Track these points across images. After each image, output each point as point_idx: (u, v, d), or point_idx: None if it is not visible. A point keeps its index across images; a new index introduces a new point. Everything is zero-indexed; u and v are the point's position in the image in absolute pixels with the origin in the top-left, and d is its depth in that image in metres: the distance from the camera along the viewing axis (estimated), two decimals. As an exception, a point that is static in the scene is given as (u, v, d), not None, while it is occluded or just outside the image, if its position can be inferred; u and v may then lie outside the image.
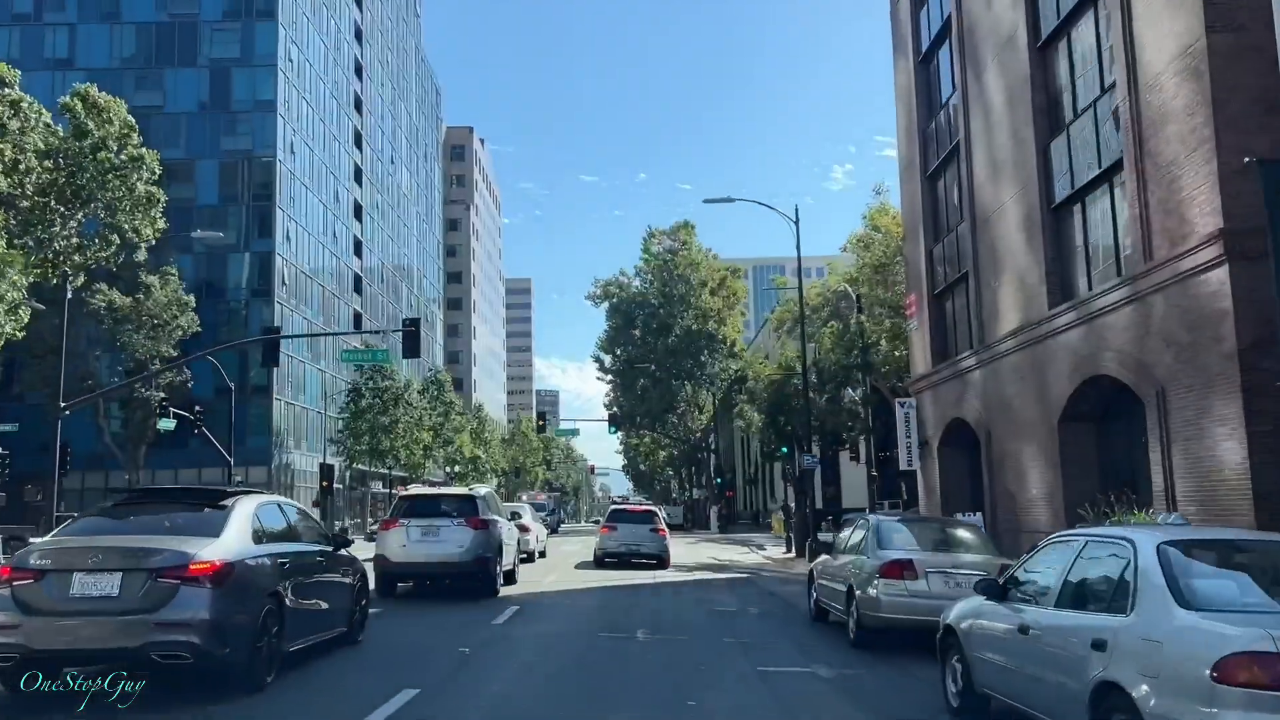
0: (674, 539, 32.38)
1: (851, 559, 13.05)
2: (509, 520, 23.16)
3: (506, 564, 21.57)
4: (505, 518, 22.67)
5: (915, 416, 33.93)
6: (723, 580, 22.46)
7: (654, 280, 67.92)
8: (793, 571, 26.48)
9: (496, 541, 20.05)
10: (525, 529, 30.11)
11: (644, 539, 27.03)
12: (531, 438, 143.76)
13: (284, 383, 67.28)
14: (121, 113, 45.16)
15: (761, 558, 33.95)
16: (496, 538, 20.16)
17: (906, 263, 35.21)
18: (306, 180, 71.94)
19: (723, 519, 59.42)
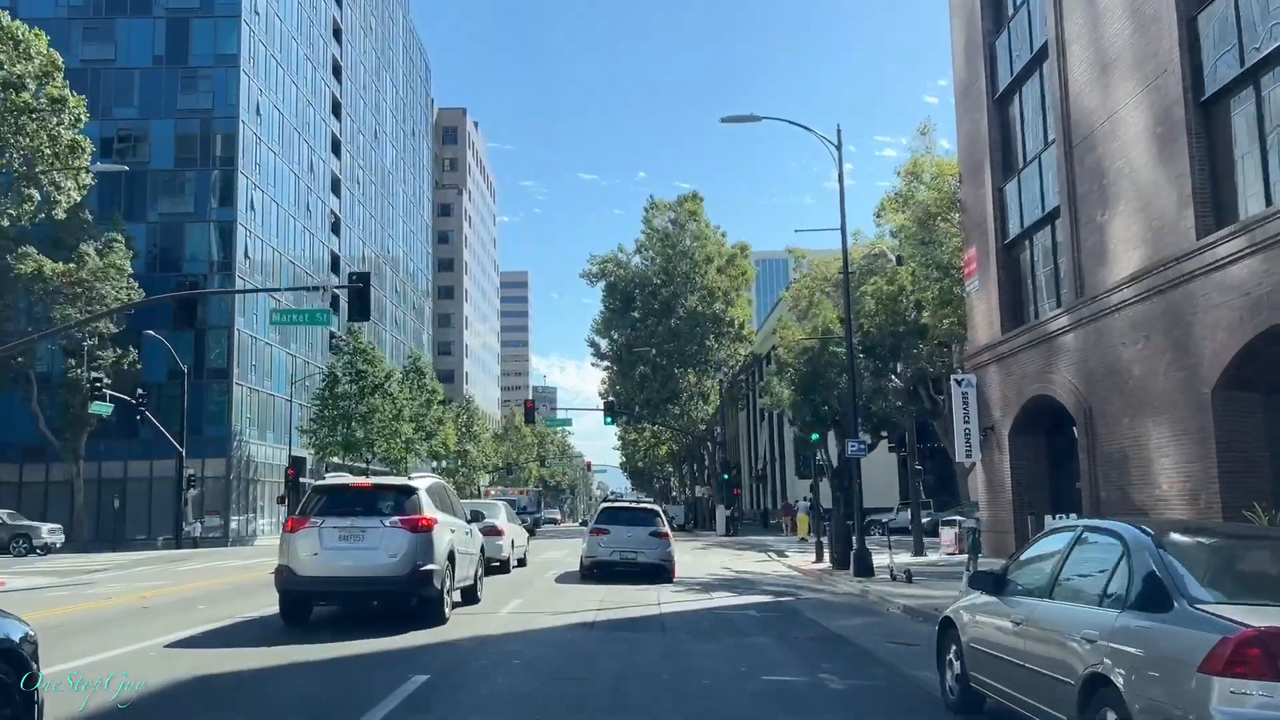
0: (678, 543, 26.89)
1: (1082, 614, 6.50)
2: (469, 522, 17.02)
3: (463, 578, 15.70)
4: (463, 517, 16.59)
5: (975, 397, 27.82)
6: (754, 607, 16.28)
7: (656, 257, 61.72)
8: (840, 590, 20.36)
9: (444, 549, 14.15)
10: (496, 531, 24.00)
11: (643, 544, 21.49)
12: (525, 433, 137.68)
13: (246, 366, 61.08)
14: (42, 47, 38.97)
15: (786, 568, 27.82)
16: (444, 544, 14.21)
17: (964, 211, 29.08)
18: (275, 146, 65.74)
19: (734, 520, 53.16)
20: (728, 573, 25.36)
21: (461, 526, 16.07)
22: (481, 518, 17.89)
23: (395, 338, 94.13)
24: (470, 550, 16.37)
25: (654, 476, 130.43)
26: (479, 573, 17.02)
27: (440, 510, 14.99)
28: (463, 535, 15.89)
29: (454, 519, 15.73)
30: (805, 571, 25.54)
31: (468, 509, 18.60)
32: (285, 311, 26.67)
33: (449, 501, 16.17)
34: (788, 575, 24.97)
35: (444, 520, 14.76)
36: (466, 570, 15.94)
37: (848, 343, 22.31)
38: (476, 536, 17.42)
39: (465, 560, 15.77)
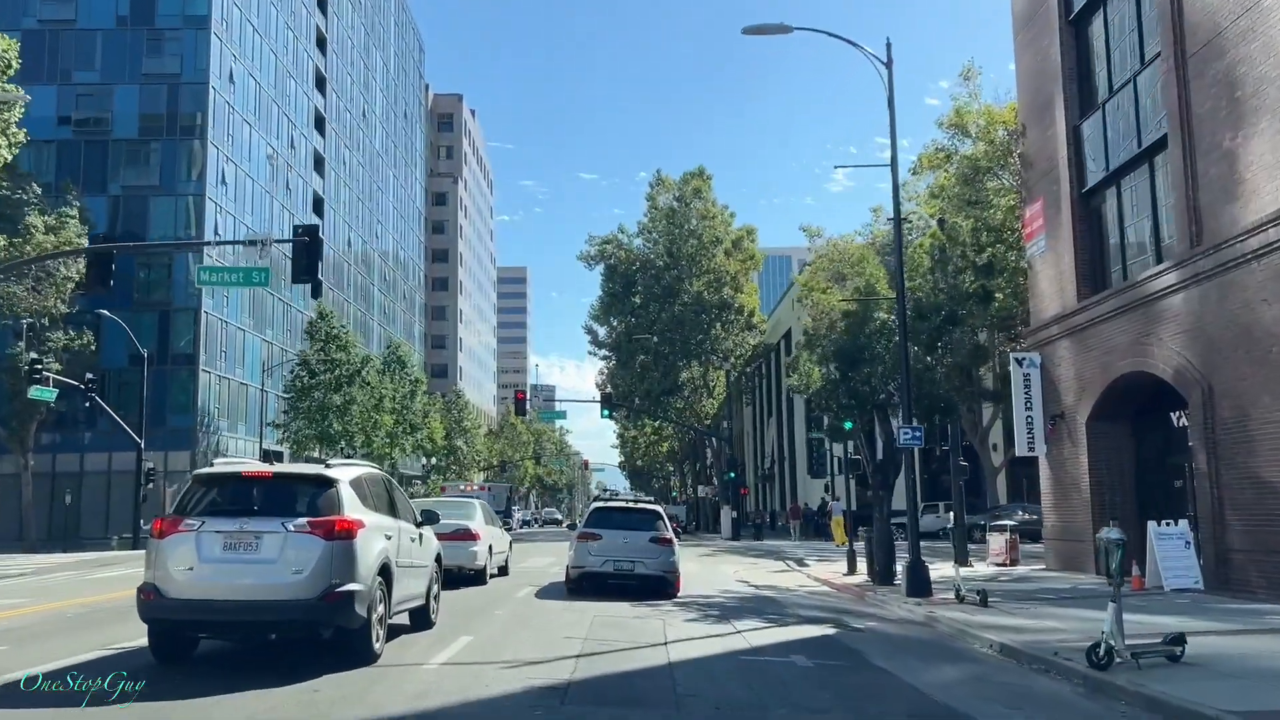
0: (681, 548, 22.36)
1: None
2: (419, 524, 12.56)
3: (408, 598, 11.55)
4: (410, 518, 12.25)
5: (1039, 379, 23.42)
6: (798, 646, 11.70)
7: (659, 238, 57.21)
8: (896, 616, 15.94)
9: (373, 562, 10.03)
10: (469, 536, 19.55)
11: (642, 552, 17.57)
12: (522, 430, 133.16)
13: (215, 352, 56.60)
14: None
15: (813, 580, 23.35)
16: (374, 555, 10.07)
17: (1025, 163, 24.66)
18: (251, 117, 61.26)
19: (753, 524, 48.54)
20: (745, 588, 20.91)
21: (404, 531, 11.63)
22: (435, 519, 13.42)
23: (384, 328, 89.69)
24: (419, 562, 12.12)
25: (654, 476, 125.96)
26: (433, 589, 12.81)
27: (370, 510, 10.62)
28: (406, 542, 11.55)
29: (392, 521, 11.32)
30: (839, 587, 21.08)
31: (424, 507, 14.14)
32: (215, 270, 22.21)
33: (387, 498, 11.77)
34: (820, 592, 20.51)
35: (375, 523, 10.48)
36: (413, 587, 11.74)
37: (899, 305, 17.86)
38: (429, 543, 13.01)
39: (410, 575, 11.56)
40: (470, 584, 18.74)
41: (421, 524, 12.60)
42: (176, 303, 54.71)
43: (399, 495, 12.15)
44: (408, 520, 11.97)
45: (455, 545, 18.20)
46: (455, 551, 18.10)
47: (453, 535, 18.28)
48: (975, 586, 16.69)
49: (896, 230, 18.38)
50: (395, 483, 12.69)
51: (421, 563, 12.21)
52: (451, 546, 17.65)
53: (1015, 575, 22.16)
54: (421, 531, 12.50)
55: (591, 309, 60.39)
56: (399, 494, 12.21)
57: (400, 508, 11.85)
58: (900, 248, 18.32)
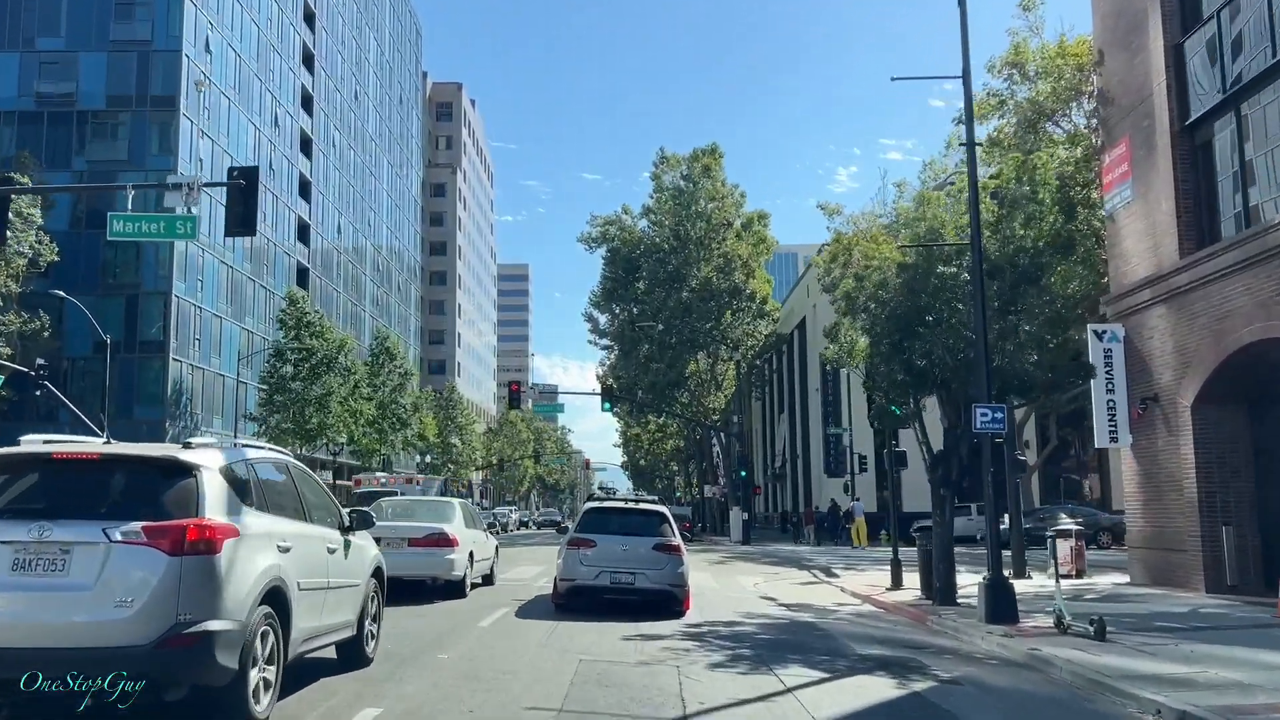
0: (692, 558, 19.77)
1: None
2: (347, 528, 9.12)
3: (326, 632, 8.37)
4: (331, 520, 8.87)
5: (1123, 355, 19.57)
6: (883, 714, 7.90)
7: (665, 219, 53.24)
8: (986, 651, 12.15)
9: (248, 589, 6.72)
10: (446, 542, 16.31)
11: (644, 561, 14.83)
12: (521, 429, 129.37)
13: (188, 339, 52.79)
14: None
15: (852, 596, 19.46)
16: (248, 579, 6.74)
17: (1104, 100, 20.78)
18: (230, 91, 57.46)
19: (790, 525, 44.57)
20: (774, 607, 17.04)
21: (314, 539, 8.17)
22: (369, 521, 9.72)
23: (376, 320, 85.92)
24: (342, 580, 8.71)
25: (657, 476, 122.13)
26: (367, 615, 9.43)
27: (256, 509, 7.23)
28: (316, 555, 8.10)
29: (294, 526, 7.85)
30: (888, 606, 17.19)
31: (363, 509, 10.29)
32: (130, 219, 18.35)
33: (289, 494, 8.19)
34: (866, 613, 16.63)
35: (260, 529, 7.13)
36: (333, 615, 8.43)
37: (974, 247, 13.99)
38: (362, 555, 9.48)
39: (326, 600, 8.21)
40: (449, 598, 16.04)
41: (351, 528, 9.20)
42: (145, 286, 50.96)
43: (311, 490, 8.69)
44: (325, 524, 8.64)
45: (429, 552, 15.95)
46: (429, 560, 15.94)
47: (426, 540, 16.01)
48: (1096, 617, 12.79)
49: (970, 157, 14.52)
50: (309, 472, 9.00)
51: (347, 581, 8.85)
52: (424, 554, 15.81)
53: (1100, 592, 18.27)
54: (349, 539, 9.08)
55: (592, 295, 56.49)
56: (312, 488, 8.74)
57: (312, 507, 8.48)
58: (975, 176, 14.45)
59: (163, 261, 50.53)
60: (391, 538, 15.47)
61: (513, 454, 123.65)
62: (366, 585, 9.35)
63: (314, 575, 7.86)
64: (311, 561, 7.87)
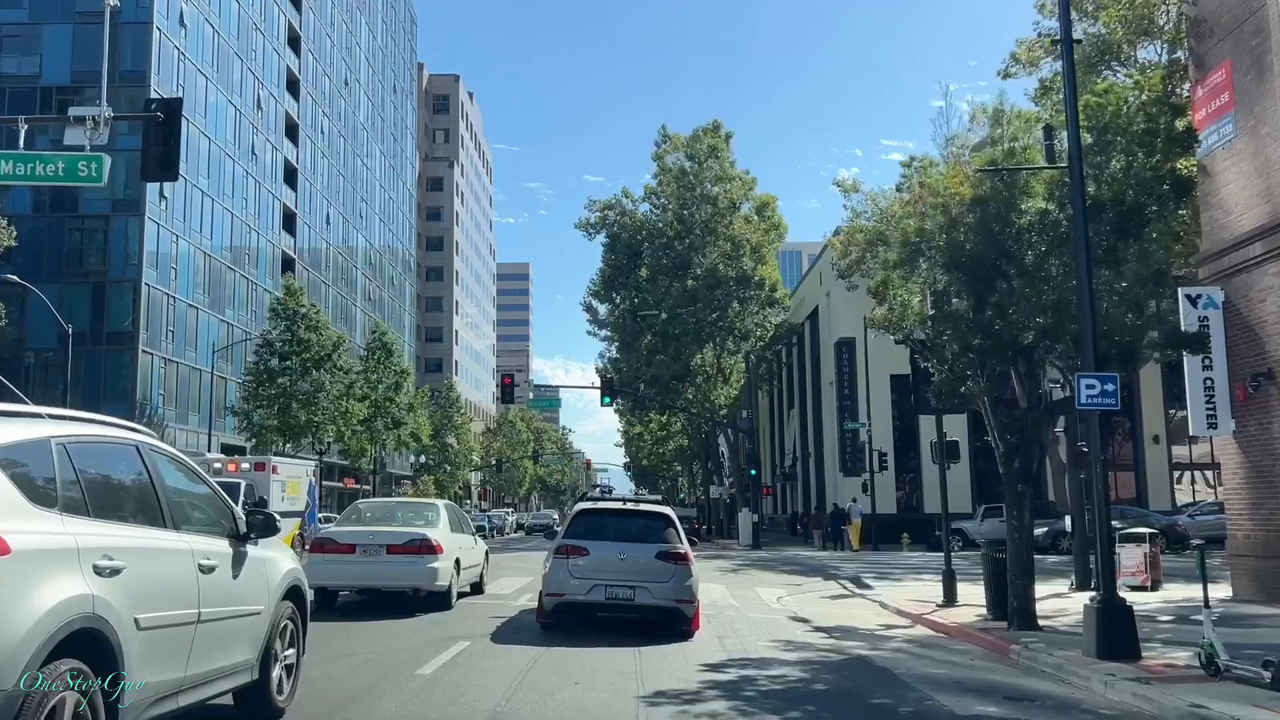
0: (701, 565, 17.28)
1: None
2: (236, 540, 6.61)
3: (209, 678, 6.08)
4: (218, 529, 6.52)
5: (1221, 321, 16.30)
6: None
7: (669, 203, 49.92)
8: (1121, 706, 8.77)
9: (20, 640, 4.22)
10: (429, 549, 14.54)
11: (645, 573, 12.57)
12: (521, 428, 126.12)
13: (160, 331, 49.54)
14: None
15: (899, 616, 16.15)
16: (26, 626, 4.26)
17: (1195, 25, 17.49)
18: (208, 69, 54.25)
19: (800, 528, 41.29)
20: (811, 632, 13.75)
21: (171, 553, 5.80)
22: (273, 528, 6.91)
23: (369, 315, 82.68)
24: (231, 609, 6.39)
25: (660, 476, 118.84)
26: (276, 652, 7.09)
27: (54, 512, 4.85)
28: (174, 575, 5.78)
29: (136, 535, 5.47)
30: (952, 630, 13.88)
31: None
32: (18, 158, 15.02)
33: (136, 489, 5.80)
34: (926, 640, 13.33)
35: (58, 543, 4.74)
36: (207, 660, 6.02)
37: (1074, 177, 10.74)
38: (269, 572, 7.11)
39: (194, 640, 5.85)
40: (432, 610, 14.40)
41: (249, 536, 6.82)
42: (114, 274, 47.75)
43: (182, 485, 6.34)
44: (203, 531, 6.34)
45: (409, 560, 14.39)
46: (410, 569, 14.37)
47: (406, 548, 14.46)
48: (1197, 637, 9.47)
49: (1066, 53, 11.27)
50: (182, 460, 6.51)
51: (238, 609, 6.48)
52: (404, 562, 14.33)
53: (1222, 613, 14.93)
54: (244, 551, 6.70)
55: (591, 283, 53.04)
56: (184, 482, 6.38)
57: (179, 509, 6.10)
58: (1072, 80, 11.17)
59: (132, 248, 47.33)
60: (368, 544, 14.45)
61: (512, 454, 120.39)
62: (273, 612, 6.98)
63: (170, 605, 5.56)
64: (166, 585, 5.60)
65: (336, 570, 14.39)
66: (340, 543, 14.55)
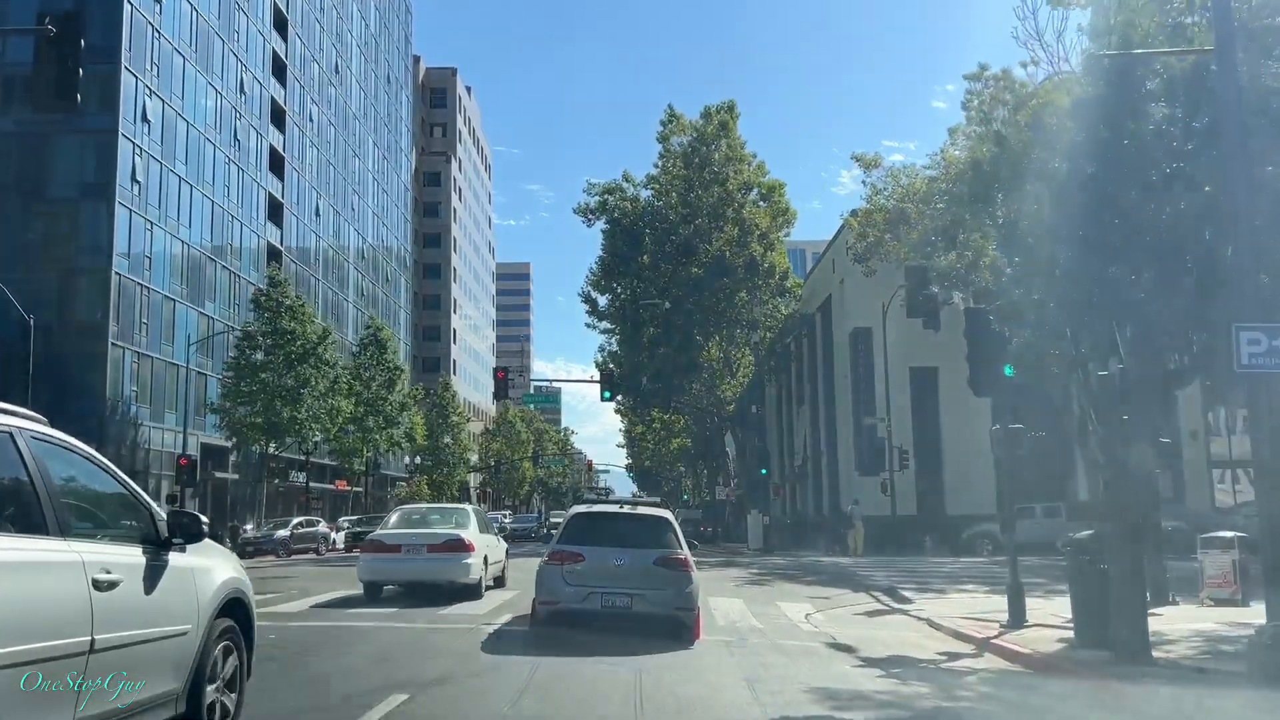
0: (710, 574, 18.92)
1: None
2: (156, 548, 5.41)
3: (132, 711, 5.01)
4: (133, 531, 5.37)
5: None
6: None
7: (673, 186, 47.01)
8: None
9: None
10: (462, 548, 16.43)
11: (643, 580, 11.99)
12: (520, 429, 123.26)
13: (132, 323, 46.69)
14: None
15: (959, 640, 13.26)
16: None
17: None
18: (185, 48, 51.45)
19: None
20: (858, 665, 10.88)
21: (52, 566, 4.52)
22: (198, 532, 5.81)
23: (362, 311, 79.85)
24: (140, 632, 5.09)
25: (663, 478, 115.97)
26: (208, 679, 5.85)
27: None
28: (56, 594, 4.49)
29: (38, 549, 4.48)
30: (1039, 661, 10.98)
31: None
32: None
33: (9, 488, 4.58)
34: (1015, 676, 10.46)
35: None
36: (108, 699, 4.79)
37: (1224, 73, 7.87)
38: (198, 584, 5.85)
39: (85, 674, 4.58)
40: (461, 600, 15.95)
41: (170, 541, 5.64)
42: (81, 262, 44.89)
43: (77, 480, 5.22)
44: (105, 537, 5.21)
45: (447, 558, 16.37)
46: (447, 565, 16.32)
47: (444, 547, 16.46)
48: None
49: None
50: (78, 451, 5.29)
51: (150, 632, 5.27)
52: (442, 560, 16.29)
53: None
54: (164, 560, 5.54)
55: (590, 272, 50.09)
56: (79, 477, 5.25)
57: (72, 510, 4.96)
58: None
59: (102, 235, 44.49)
60: (411, 544, 16.33)
61: (511, 456, 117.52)
62: (204, 631, 5.83)
63: (46, 635, 4.40)
64: (42, 609, 4.44)
65: (385, 567, 16.39)
66: (387, 543, 16.49)
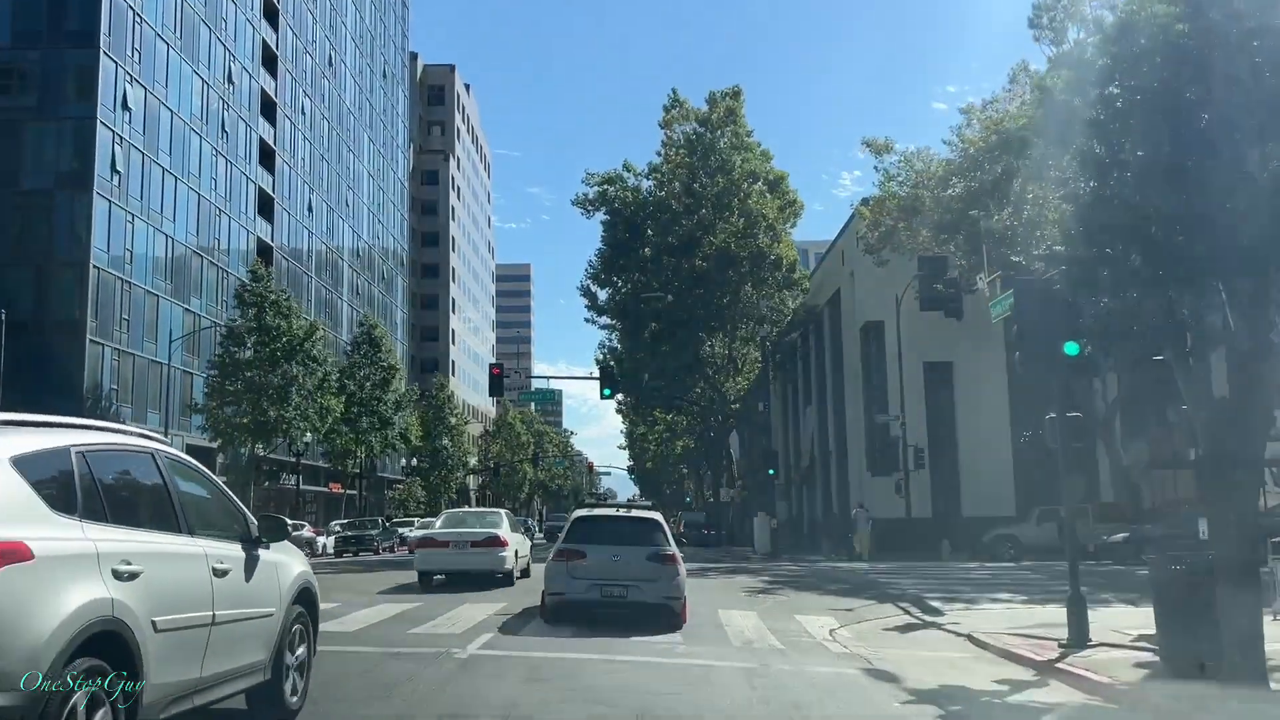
0: (718, 582, 21.11)
1: None
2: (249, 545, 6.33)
3: (221, 679, 6.01)
4: (231, 532, 6.30)
5: None
6: None
7: (677, 174, 45.09)
8: None
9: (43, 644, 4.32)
10: (499, 543, 20.11)
11: (638, 572, 13.79)
12: (520, 430, 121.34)
13: (112, 318, 44.86)
14: None
15: (1020, 665, 11.35)
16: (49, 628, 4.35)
17: None
18: (170, 35, 49.65)
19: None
20: (906, 705, 8.94)
21: (186, 557, 5.66)
22: (282, 531, 6.76)
23: (355, 309, 78.01)
24: (244, 611, 6.19)
25: (666, 480, 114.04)
26: (288, 653, 6.83)
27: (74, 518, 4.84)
28: (189, 579, 5.65)
29: (152, 541, 5.37)
30: (1124, 693, 9.06)
31: None
32: None
33: (151, 494, 5.69)
34: (1101, 716, 8.51)
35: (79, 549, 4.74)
36: (221, 662, 5.90)
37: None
38: (280, 575, 6.82)
39: (209, 642, 5.73)
40: (499, 585, 19.63)
41: (260, 540, 6.58)
42: (58, 254, 43.07)
43: (197, 491, 6.22)
44: (216, 535, 6.12)
45: (487, 552, 19.91)
46: (487, 557, 19.90)
47: (484, 542, 20.01)
48: None
49: None
50: (195, 467, 6.34)
51: (250, 611, 6.26)
52: (483, 553, 19.85)
53: None
54: (256, 555, 6.45)
55: (590, 266, 48.00)
56: (198, 488, 6.26)
57: (193, 514, 5.92)
58: None
59: (79, 226, 42.65)
60: (458, 540, 19.97)
61: (511, 458, 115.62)
62: (284, 614, 6.78)
63: (186, 609, 5.50)
64: (182, 590, 5.51)
65: (437, 559, 20.09)
66: (439, 540, 20.39)
